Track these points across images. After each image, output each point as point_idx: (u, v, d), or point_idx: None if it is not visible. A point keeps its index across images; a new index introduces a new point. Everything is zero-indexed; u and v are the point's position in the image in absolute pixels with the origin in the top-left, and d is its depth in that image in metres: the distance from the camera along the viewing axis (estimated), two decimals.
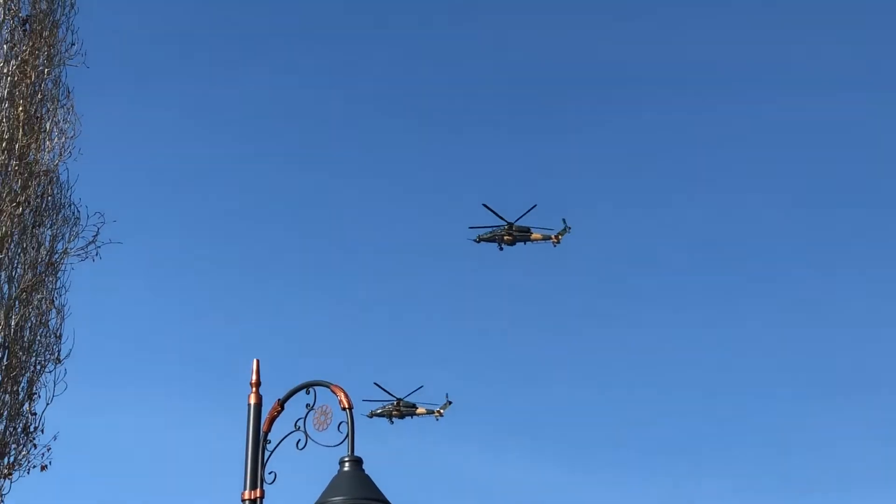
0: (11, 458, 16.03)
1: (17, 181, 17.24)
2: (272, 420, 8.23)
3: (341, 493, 7.69)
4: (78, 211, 17.67)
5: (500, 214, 35.28)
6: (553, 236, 33.69)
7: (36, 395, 16.42)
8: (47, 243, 17.52)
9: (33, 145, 17.20)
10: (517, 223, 35.36)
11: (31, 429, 16.30)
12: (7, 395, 15.98)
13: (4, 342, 16.35)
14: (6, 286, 16.74)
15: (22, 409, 15.93)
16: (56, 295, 17.36)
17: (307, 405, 8.17)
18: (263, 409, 8.33)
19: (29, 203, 17.56)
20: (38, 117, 17.49)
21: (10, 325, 16.34)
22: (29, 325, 16.66)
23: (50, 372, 16.65)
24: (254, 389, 8.41)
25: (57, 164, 17.55)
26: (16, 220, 17.12)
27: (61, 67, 18.25)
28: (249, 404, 8.32)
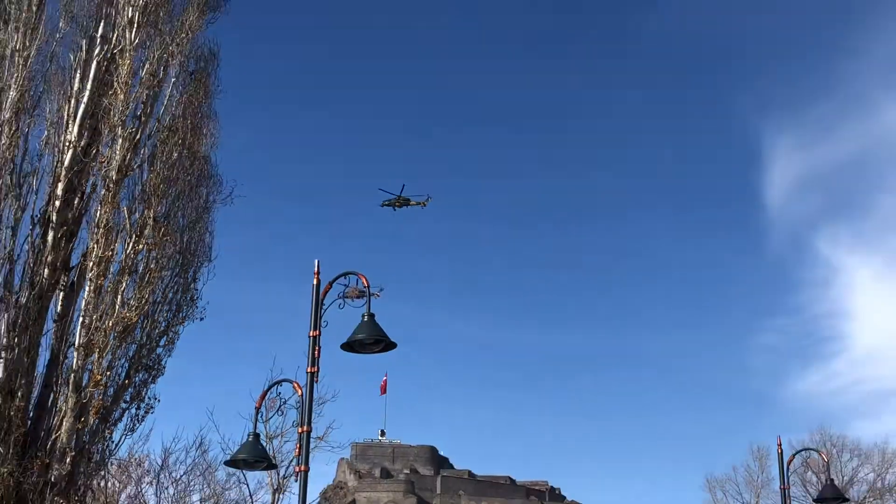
0: (183, 314, 27.83)
1: (187, 162, 27.72)
2: (326, 292, 15.13)
3: (362, 333, 14.57)
4: (221, 178, 30.16)
5: (390, 192, 45.10)
6: (422, 202, 42.60)
7: (197, 280, 28.25)
8: (204, 196, 27.94)
9: (196, 142, 29.07)
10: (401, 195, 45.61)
11: (195, 297, 28.10)
12: (181, 279, 27.59)
13: (181, 249, 28.01)
14: (182, 219, 28.65)
15: (189, 286, 27.58)
16: (209, 225, 29.59)
17: (345, 285, 15.05)
18: (321, 286, 15.27)
19: (194, 174, 28.55)
20: (199, 126, 29.50)
21: (183, 241, 28.11)
22: (194, 240, 28.33)
23: (205, 266, 28.64)
24: (315, 276, 15.34)
25: (209, 152, 30.09)
26: (186, 183, 27.66)
27: (212, 98, 30.38)
28: (313, 284, 15.26)
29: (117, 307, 24.85)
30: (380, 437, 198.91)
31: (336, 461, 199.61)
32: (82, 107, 26.75)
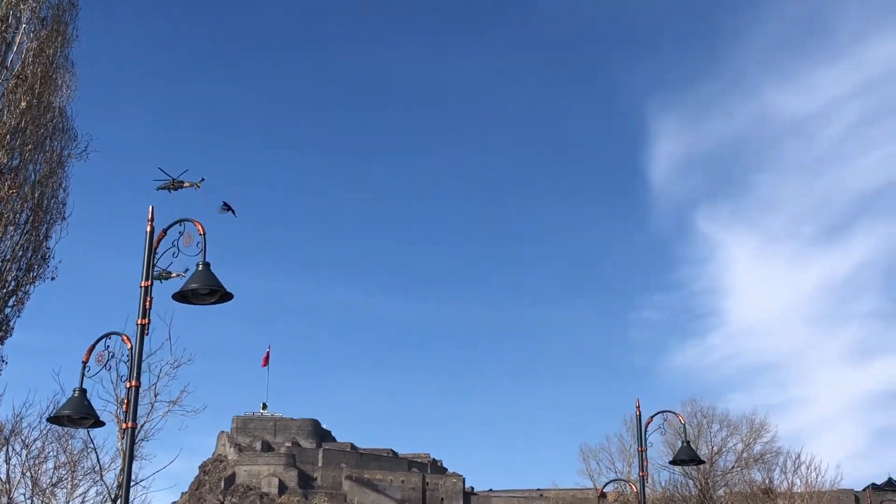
0: (34, 273, 26.90)
1: (40, 114, 26.60)
2: (160, 240, 14.32)
3: (196, 282, 13.80)
4: (76, 132, 28.93)
5: (167, 174, 46.40)
6: (196, 184, 44.54)
7: (50, 237, 27.38)
8: (58, 150, 26.70)
9: (49, 94, 27.88)
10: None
11: (47, 256, 27.22)
12: (33, 236, 26.49)
13: (32, 206, 26.99)
14: (33, 174, 27.46)
15: (41, 244, 26.77)
16: (63, 180, 28.40)
17: (180, 232, 14.25)
18: (154, 233, 14.46)
19: (46, 126, 27.20)
20: (53, 77, 28.09)
21: (34, 197, 27.08)
22: (46, 197, 27.21)
23: (59, 223, 27.60)
24: (149, 223, 14.51)
25: (65, 105, 28.76)
26: (38, 135, 26.40)
27: (69, 48, 28.86)
28: (146, 231, 14.43)
29: None
30: (261, 411, 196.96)
31: (215, 434, 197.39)
32: None
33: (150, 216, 14.28)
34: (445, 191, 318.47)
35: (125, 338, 13.83)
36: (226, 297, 13.87)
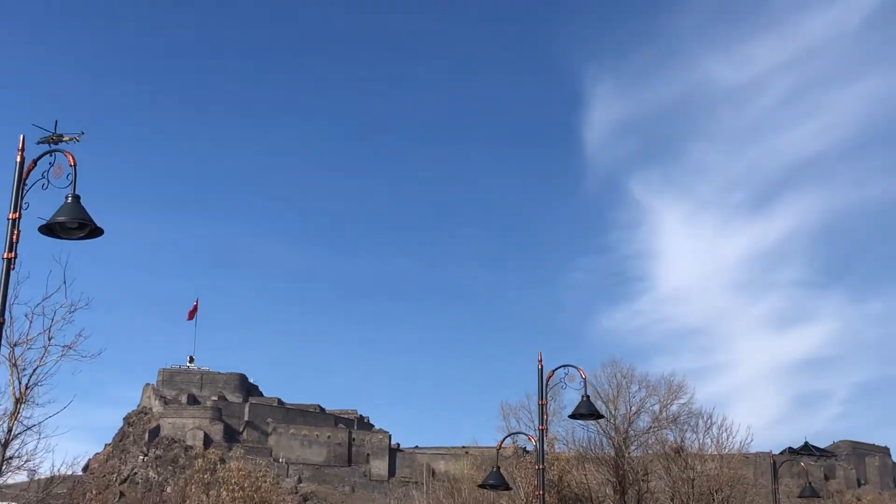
0: None
1: None
2: (29, 171, 13.75)
3: (63, 215, 13.28)
4: None
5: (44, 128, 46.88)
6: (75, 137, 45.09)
7: None
8: None
9: None
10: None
11: None
12: None
13: None
14: None
15: None
16: None
17: (50, 163, 13.70)
18: (25, 163, 13.88)
19: None
20: None
21: None
22: None
23: None
24: (20, 153, 13.93)
25: None
26: None
27: None
28: (16, 161, 13.86)
29: None
30: (188, 364, 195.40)
31: (141, 386, 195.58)
32: None
33: (20, 145, 13.75)
34: (379, 142, 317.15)
35: None
36: (95, 231, 13.37)
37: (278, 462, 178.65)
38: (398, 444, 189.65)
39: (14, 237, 13.17)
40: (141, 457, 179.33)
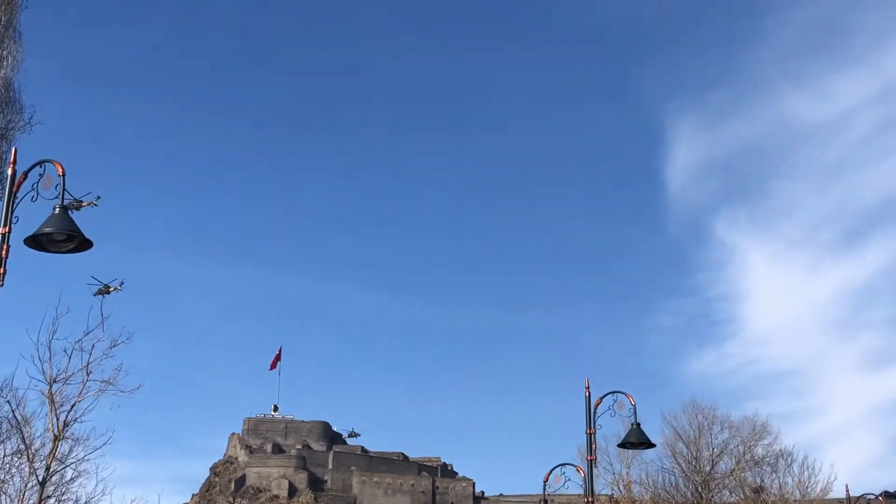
0: None
1: None
2: (20, 183, 13.38)
3: (50, 226, 12.85)
4: (22, 104, 27.64)
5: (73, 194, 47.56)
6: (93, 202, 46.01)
7: None
8: (2, 122, 25.83)
9: None
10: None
11: None
12: None
13: None
14: None
15: None
16: (6, 151, 25.37)
17: (40, 174, 13.31)
18: (16, 176, 13.53)
19: None
20: None
21: None
22: None
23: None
24: (11, 165, 13.58)
25: (11, 77, 25.93)
26: None
27: (15, 15, 27.05)
28: (8, 174, 13.52)
29: None
30: (272, 413, 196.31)
31: (227, 436, 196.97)
32: None
33: (12, 158, 13.43)
34: (459, 192, 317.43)
35: None
36: (84, 244, 12.88)
37: None
38: (482, 492, 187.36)
39: (3, 252, 12.77)
40: None
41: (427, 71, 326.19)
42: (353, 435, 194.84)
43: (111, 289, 37.02)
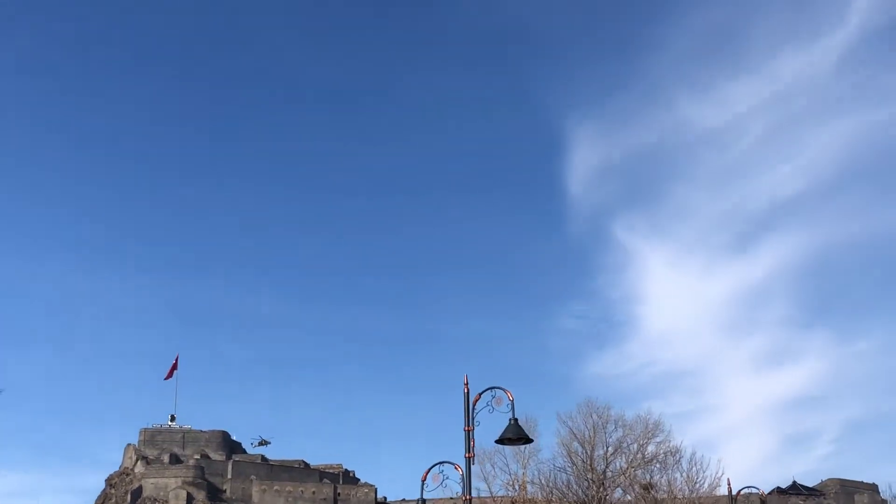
0: None
1: None
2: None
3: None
4: None
5: None
6: None
7: None
8: None
9: None
10: None
11: None
12: None
13: None
14: None
15: None
16: None
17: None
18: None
19: None
20: None
21: None
22: None
23: None
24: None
25: None
26: None
27: None
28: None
29: None
30: (170, 422, 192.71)
31: (123, 446, 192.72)
32: None
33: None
34: (361, 197, 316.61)
35: None
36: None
37: None
38: (384, 498, 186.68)
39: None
40: None
41: (326, 76, 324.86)
42: (263, 443, 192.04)
43: None
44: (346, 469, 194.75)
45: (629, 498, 66.68)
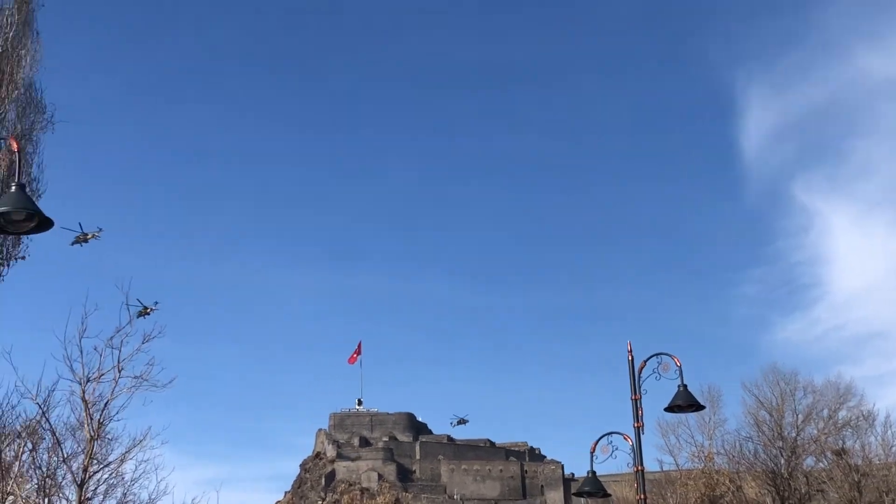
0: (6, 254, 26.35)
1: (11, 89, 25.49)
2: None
3: (5, 205, 12.14)
4: (43, 103, 27.88)
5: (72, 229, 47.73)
6: (95, 234, 46.45)
7: None
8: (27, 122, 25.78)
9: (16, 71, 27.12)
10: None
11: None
12: None
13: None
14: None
15: None
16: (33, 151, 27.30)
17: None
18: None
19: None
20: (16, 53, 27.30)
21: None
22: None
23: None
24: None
25: (31, 77, 27.93)
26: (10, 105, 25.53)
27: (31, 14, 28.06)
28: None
29: None
30: (357, 406, 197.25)
31: (314, 432, 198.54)
32: None
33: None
34: (530, 175, 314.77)
35: None
36: (45, 224, 12.10)
37: (453, 499, 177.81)
38: (572, 474, 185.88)
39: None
40: (319, 502, 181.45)
41: (482, 53, 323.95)
42: (461, 422, 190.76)
43: (149, 310, 40.63)
44: (531, 447, 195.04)
45: (822, 465, 63.98)
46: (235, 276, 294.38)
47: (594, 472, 22.17)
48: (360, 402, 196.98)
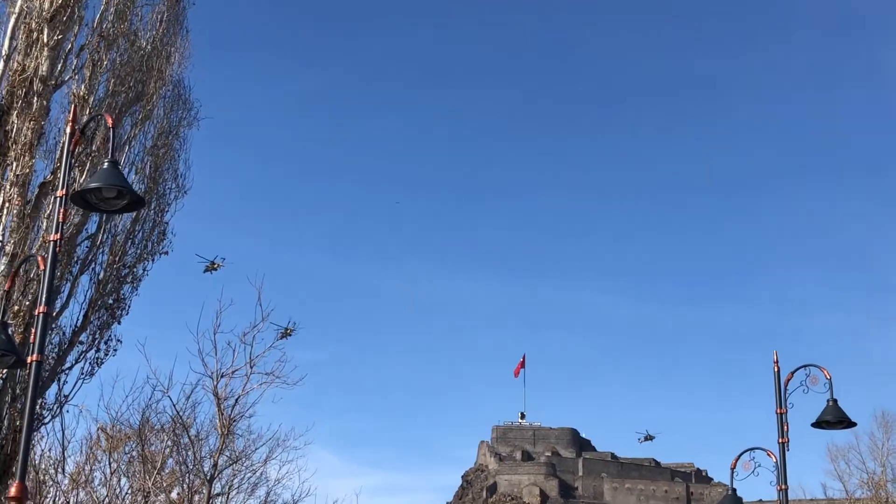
0: (150, 249, 26.85)
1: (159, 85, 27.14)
2: (77, 142, 12.63)
3: (99, 181, 11.93)
4: (190, 100, 28.60)
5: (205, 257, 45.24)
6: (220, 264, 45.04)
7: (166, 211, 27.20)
8: (174, 119, 26.06)
9: (165, 67, 27.65)
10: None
11: (164, 232, 27.13)
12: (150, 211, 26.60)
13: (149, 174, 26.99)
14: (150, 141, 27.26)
15: (160, 220, 27.02)
16: (180, 147, 27.87)
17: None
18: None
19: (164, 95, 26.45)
20: (165, 50, 27.76)
21: (149, 166, 27.02)
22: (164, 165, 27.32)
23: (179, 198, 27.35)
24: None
25: (181, 74, 28.52)
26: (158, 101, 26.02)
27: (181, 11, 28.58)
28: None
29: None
30: (520, 420, 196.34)
31: (476, 444, 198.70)
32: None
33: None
34: (703, 187, 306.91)
35: (41, 259, 12.07)
36: (138, 203, 11.85)
37: None
38: (742, 499, 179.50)
39: (61, 217, 12.00)
40: None
41: (700, 66, 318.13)
42: (648, 438, 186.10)
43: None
44: (697, 468, 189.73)
45: None
46: (404, 280, 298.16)
47: (734, 490, 20.66)
48: (522, 416, 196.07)
